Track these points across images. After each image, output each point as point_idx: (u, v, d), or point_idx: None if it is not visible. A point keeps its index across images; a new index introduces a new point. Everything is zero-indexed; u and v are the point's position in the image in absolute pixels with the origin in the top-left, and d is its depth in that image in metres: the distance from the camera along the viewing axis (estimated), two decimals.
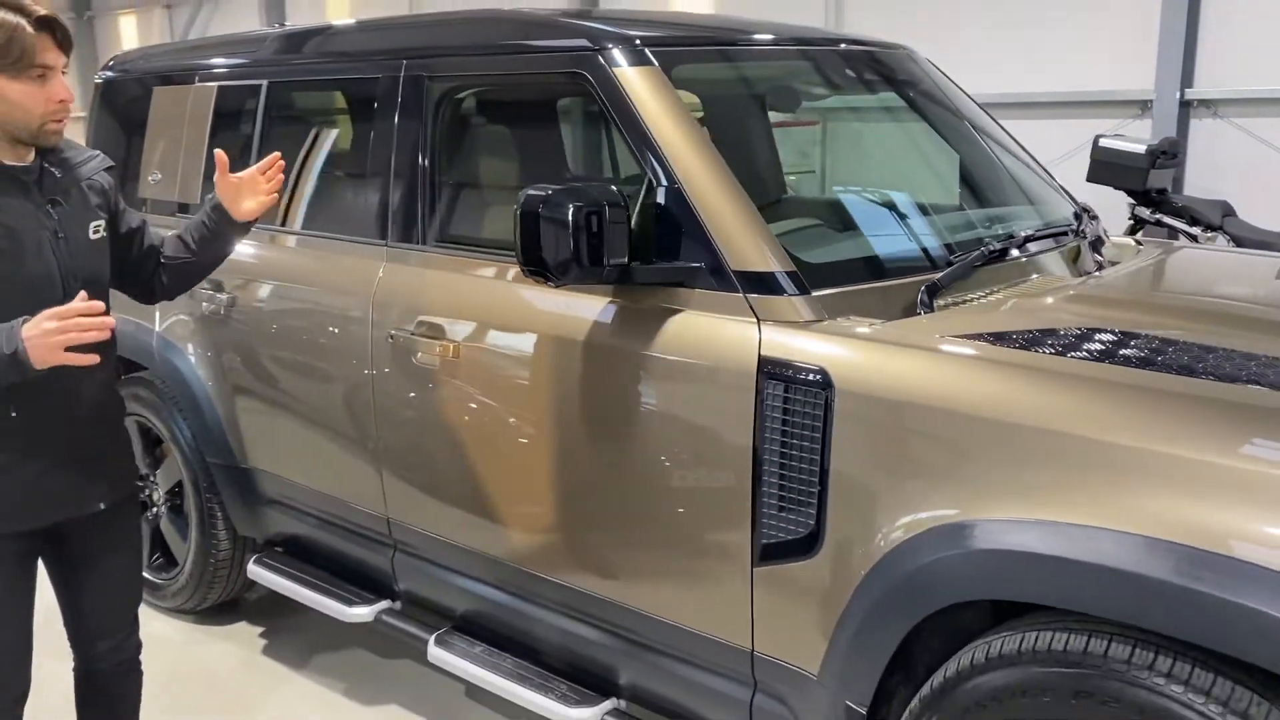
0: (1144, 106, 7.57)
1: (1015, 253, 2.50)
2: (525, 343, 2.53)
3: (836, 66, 3.08)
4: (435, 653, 2.84)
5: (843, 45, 3.21)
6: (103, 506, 2.33)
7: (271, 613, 3.80)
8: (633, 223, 2.25)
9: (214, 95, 3.49)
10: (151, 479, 3.77)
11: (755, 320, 2.18)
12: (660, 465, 2.29)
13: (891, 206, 2.86)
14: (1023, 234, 2.57)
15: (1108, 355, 1.96)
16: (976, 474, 1.88)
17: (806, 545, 2.10)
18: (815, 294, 2.20)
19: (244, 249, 3.32)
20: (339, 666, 3.45)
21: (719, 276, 2.25)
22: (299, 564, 3.34)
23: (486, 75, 2.81)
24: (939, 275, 2.30)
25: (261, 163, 2.40)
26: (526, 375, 2.53)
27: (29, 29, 2.04)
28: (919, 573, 1.91)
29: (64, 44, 2.14)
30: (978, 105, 3.46)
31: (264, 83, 3.33)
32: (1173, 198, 6.47)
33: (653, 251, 2.31)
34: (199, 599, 3.72)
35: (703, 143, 2.36)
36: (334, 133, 3.29)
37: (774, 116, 3.74)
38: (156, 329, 3.56)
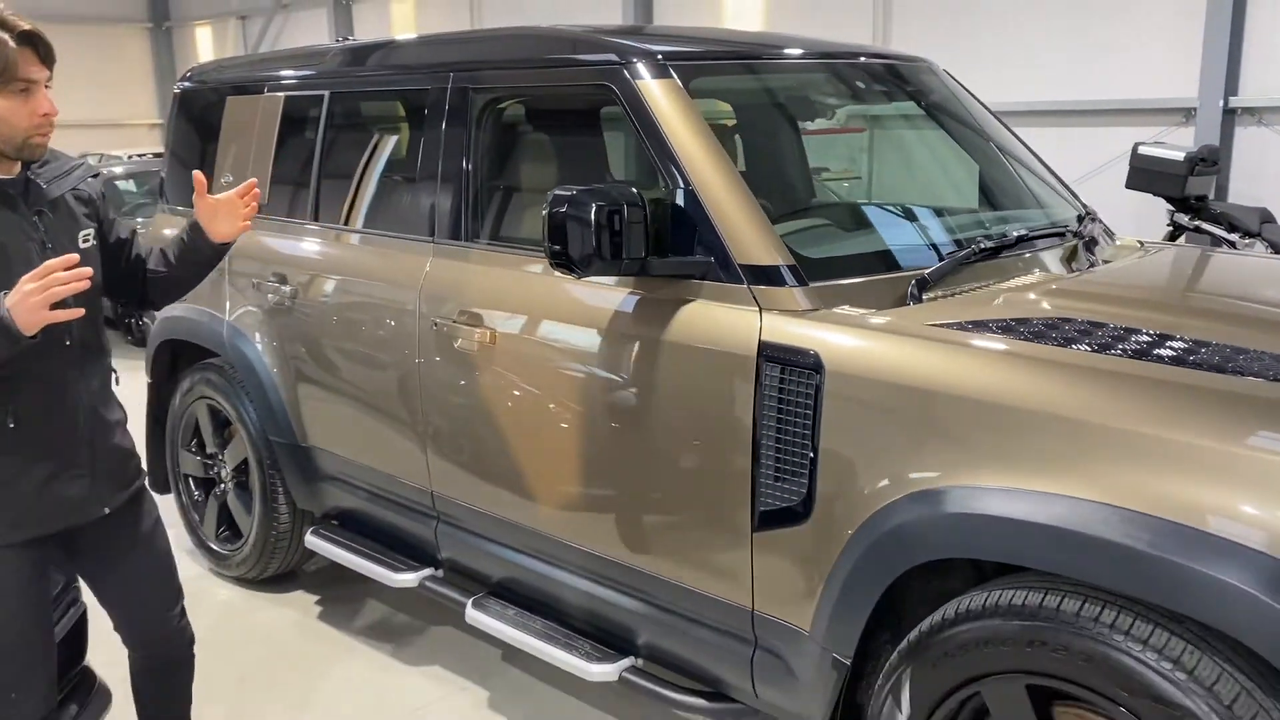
0: (1188, 114, 7.62)
1: (1005, 250, 2.70)
2: (553, 329, 2.78)
3: (852, 78, 3.29)
4: (473, 615, 3.10)
5: (862, 59, 3.43)
6: (107, 511, 2.34)
7: (326, 582, 4.11)
8: (650, 220, 2.49)
9: (281, 104, 3.80)
10: (220, 458, 4.10)
11: (758, 309, 2.41)
12: (672, 441, 2.53)
13: (897, 209, 3.07)
14: (1015, 234, 2.76)
15: (1071, 341, 2.16)
16: (948, 446, 2.09)
17: (799, 513, 2.32)
18: (813, 286, 2.42)
19: (307, 245, 3.64)
20: (387, 630, 3.74)
21: (726, 270, 2.48)
22: (352, 535, 3.63)
23: (524, 86, 3.09)
24: (928, 270, 2.50)
25: (240, 187, 2.40)
26: (554, 359, 2.78)
27: (11, 44, 2.03)
28: (893, 534, 2.13)
29: (47, 59, 2.11)
30: (992, 114, 3.63)
31: (326, 93, 3.63)
32: (1211, 204, 6.54)
33: (668, 246, 2.54)
34: (261, 568, 4.03)
35: (714, 148, 2.59)
36: (388, 139, 3.58)
37: (820, 124, 3.97)
38: (227, 319, 3.88)
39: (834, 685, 2.30)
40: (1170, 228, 6.66)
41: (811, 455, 2.27)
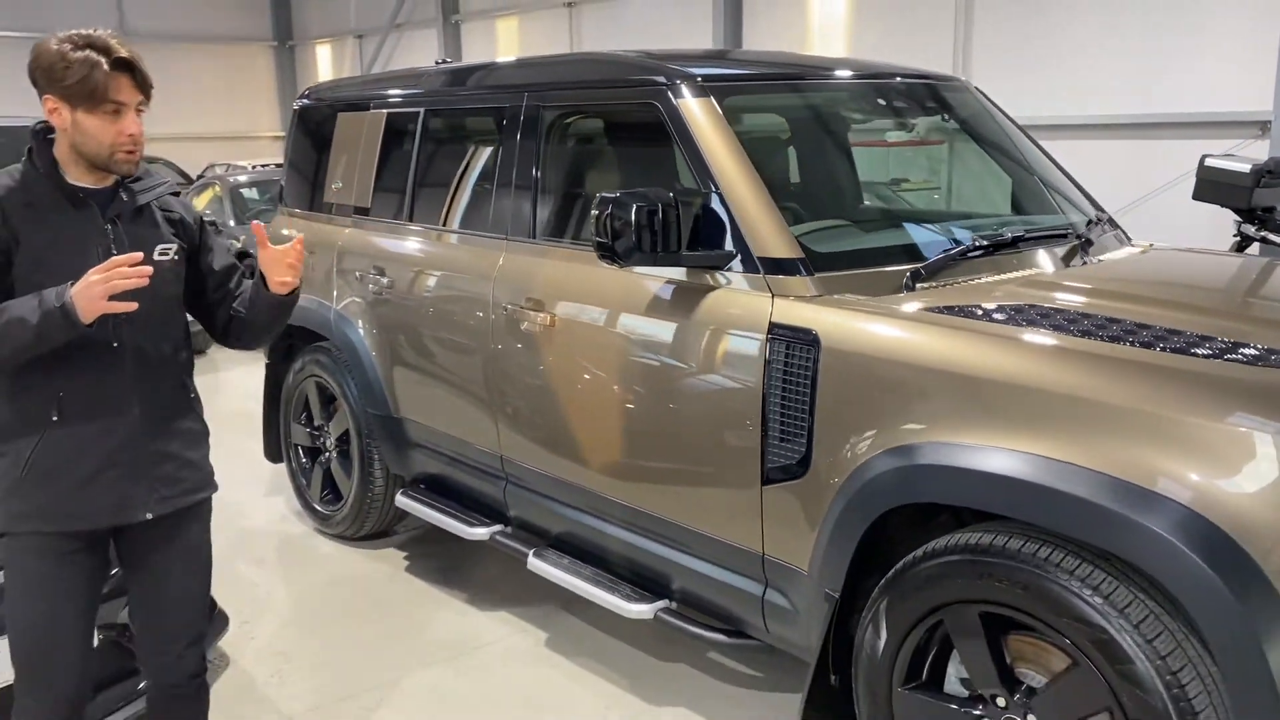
0: (1264, 127, 7.69)
1: (1002, 249, 3.05)
2: (602, 312, 3.23)
3: (880, 97, 3.67)
4: (533, 563, 3.56)
5: (897, 79, 3.82)
6: (149, 517, 2.31)
7: (413, 541, 4.64)
8: (682, 218, 2.91)
9: (384, 120, 4.34)
10: (325, 429, 4.66)
11: (770, 295, 2.81)
12: (698, 407, 2.95)
13: (916, 213, 3.43)
14: (1009, 235, 3.10)
15: (1032, 323, 2.51)
16: (919, 410, 2.46)
17: (799, 468, 2.71)
18: (819, 275, 2.82)
19: (403, 243, 4.16)
20: (463, 582, 4.23)
21: (747, 261, 2.89)
22: (435, 496, 4.14)
23: (585, 104, 3.56)
24: (922, 265, 2.87)
25: (292, 244, 2.39)
26: (601, 338, 3.22)
27: (105, 67, 2.13)
28: (871, 484, 2.51)
29: (141, 84, 2.20)
30: (1019, 128, 3.95)
31: (421, 110, 4.16)
32: (1277, 216, 6.64)
33: (699, 241, 2.96)
34: (358, 527, 4.58)
35: (741, 158, 3.01)
36: (472, 150, 4.07)
37: (899, 135, 4.35)
38: (334, 307, 4.44)
39: (825, 617, 2.68)
40: (1237, 238, 6.77)
41: (809, 419, 2.67)
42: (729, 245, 2.94)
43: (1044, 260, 3.13)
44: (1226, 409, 2.13)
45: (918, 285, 2.84)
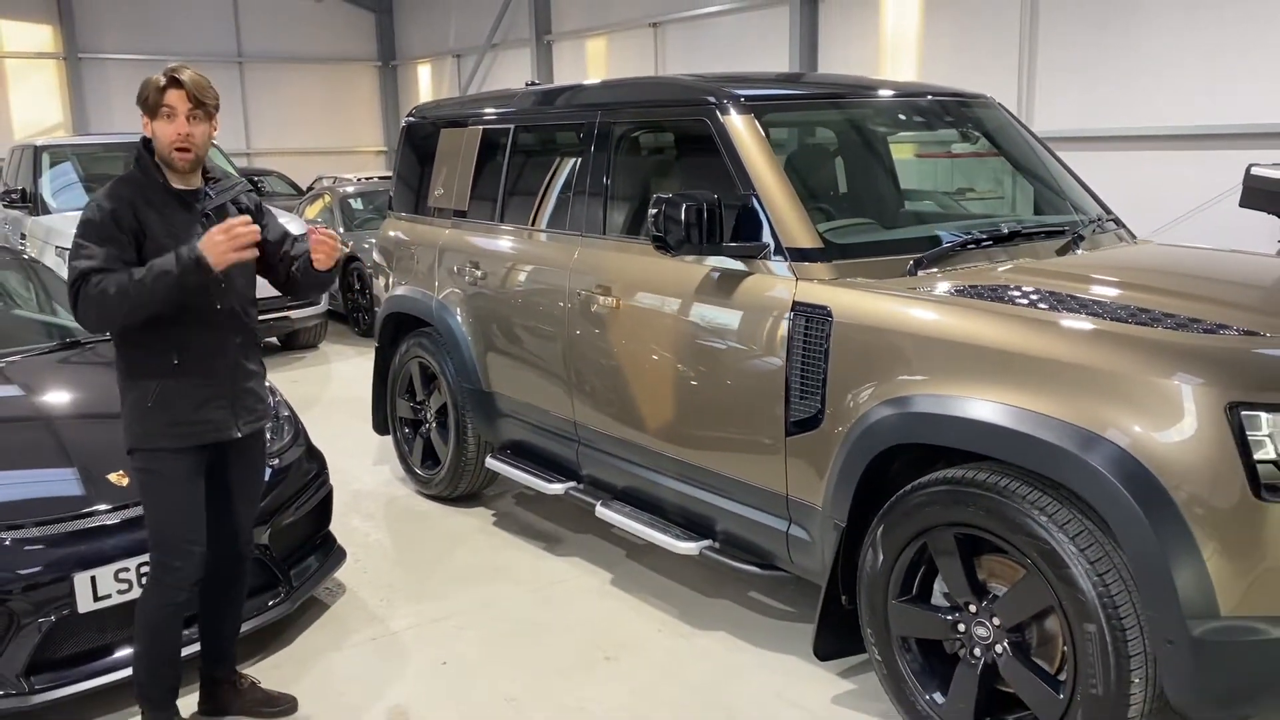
0: None
1: (1001, 241, 3.57)
2: (658, 295, 3.83)
3: (903, 112, 4.22)
4: (601, 512, 4.17)
5: (928, 96, 4.36)
6: (239, 435, 3.03)
7: (499, 503, 5.29)
8: (724, 216, 3.50)
9: (480, 135, 5.03)
10: (426, 404, 5.35)
11: (795, 279, 3.38)
12: (735, 373, 3.53)
13: (937, 213, 3.96)
14: (1005, 229, 3.62)
15: (1010, 299, 3.03)
16: (911, 369, 3.00)
17: (815, 420, 3.27)
18: (835, 262, 3.38)
19: (495, 241, 4.82)
20: (540, 534, 4.87)
21: (777, 251, 3.46)
22: (518, 459, 4.78)
23: (647, 121, 4.18)
24: (925, 254, 3.42)
25: (326, 237, 2.98)
26: (658, 317, 3.82)
27: (161, 84, 2.82)
28: (870, 429, 3.07)
29: (192, 95, 2.81)
30: (1038, 139, 4.45)
31: (511, 126, 4.83)
32: None
33: (740, 234, 3.54)
34: (453, 488, 5.25)
35: (775, 165, 3.59)
36: (554, 160, 4.71)
37: (963, 147, 4.86)
38: (436, 296, 5.13)
39: (834, 544, 3.23)
40: None
41: (823, 378, 3.23)
42: (765, 238, 3.52)
43: (1037, 251, 3.64)
44: (1165, 369, 2.59)
45: (919, 271, 3.39)
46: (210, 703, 3.35)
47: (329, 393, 8.03)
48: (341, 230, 10.81)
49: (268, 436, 3.95)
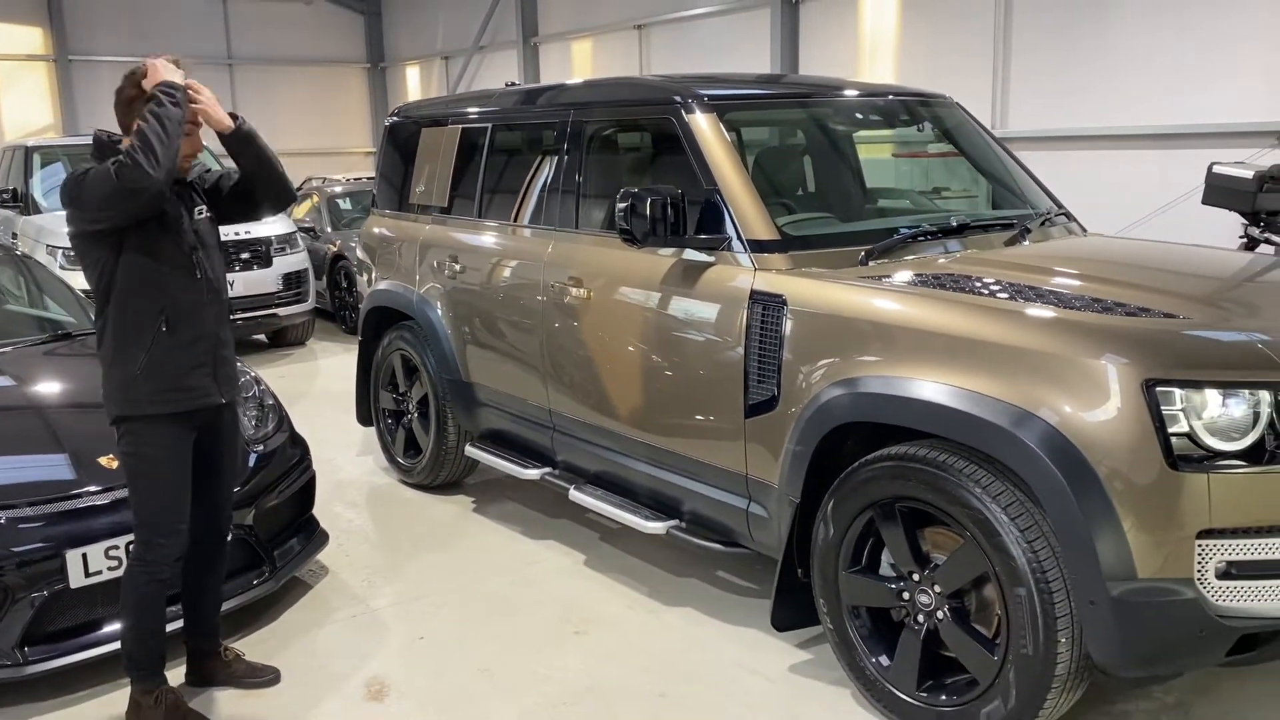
0: (1279, 137, 8.15)
1: (949, 234, 3.75)
2: (626, 286, 4.01)
3: (859, 110, 4.41)
4: (575, 495, 4.34)
5: (889, 96, 4.55)
6: (223, 401, 3.22)
7: (479, 490, 5.46)
8: (687, 209, 3.67)
9: (459, 134, 5.20)
10: (408, 395, 5.51)
11: (753, 269, 3.56)
12: (698, 359, 3.71)
13: (894, 208, 4.15)
14: (954, 222, 3.81)
15: (948, 286, 3.22)
16: (859, 352, 3.19)
17: (771, 403, 3.45)
18: (792, 253, 3.56)
19: (474, 236, 4.99)
20: (517, 519, 5.04)
21: (738, 243, 3.64)
22: (497, 446, 4.96)
23: (617, 120, 4.35)
24: (874, 246, 3.60)
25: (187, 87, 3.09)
26: (628, 306, 4.00)
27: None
28: (821, 410, 3.25)
29: None
30: (994, 138, 4.64)
31: (489, 125, 5.01)
32: (1279, 219, 7.13)
33: (702, 227, 3.72)
34: (434, 476, 5.42)
35: (735, 161, 3.77)
36: (529, 158, 4.88)
37: (938, 147, 5.05)
38: (417, 290, 5.30)
39: (789, 519, 3.41)
40: (1244, 240, 7.28)
41: (778, 362, 3.41)
42: (726, 231, 3.69)
43: (985, 243, 3.83)
44: (1093, 350, 2.77)
45: (870, 261, 3.57)
46: (197, 674, 3.52)
47: (315, 388, 8.19)
48: (329, 229, 10.97)
49: (253, 424, 4.14)
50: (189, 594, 3.44)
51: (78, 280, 6.91)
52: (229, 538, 3.52)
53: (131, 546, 3.30)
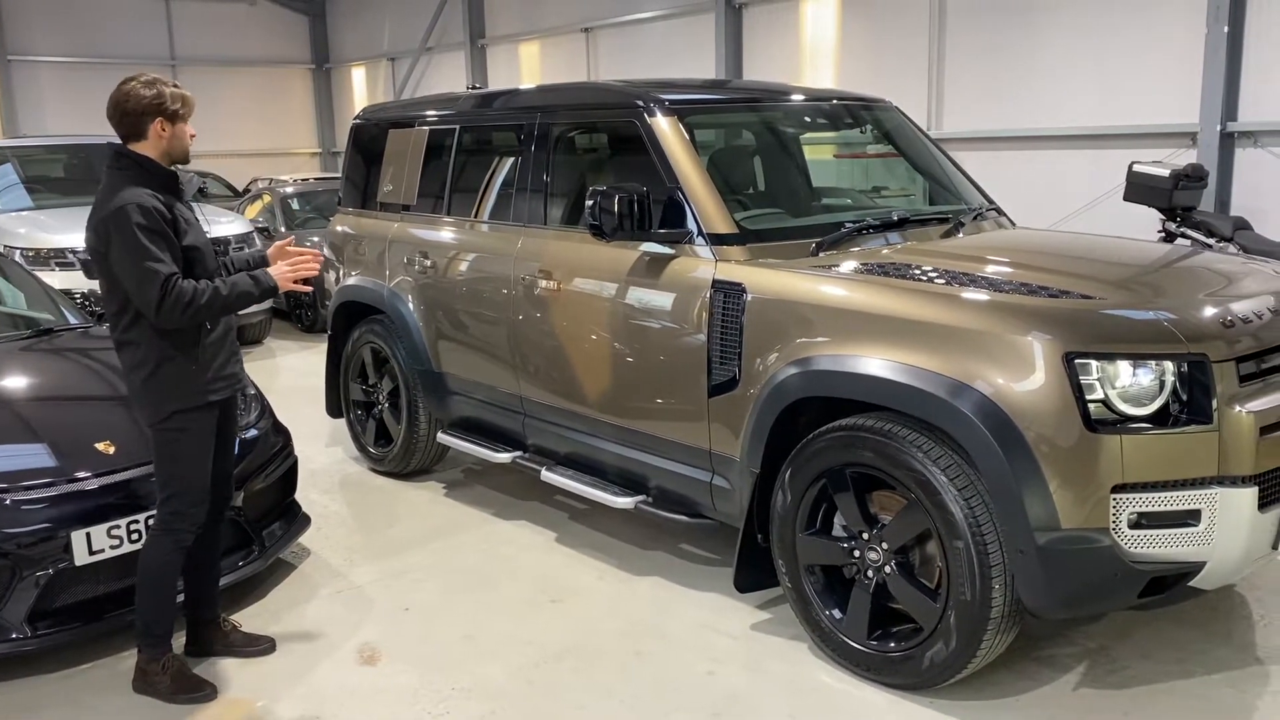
0: (1194, 137, 8.69)
1: (892, 228, 4.10)
2: (594, 278, 4.29)
3: (810, 114, 4.74)
4: (547, 475, 4.62)
5: (834, 100, 4.89)
6: (239, 388, 3.61)
7: (450, 478, 5.71)
8: (652, 206, 3.96)
9: (426, 135, 5.44)
10: (378, 386, 5.73)
11: (714, 261, 3.87)
12: (664, 344, 4.00)
13: (837, 204, 4.49)
14: (895, 216, 4.16)
15: (890, 273, 3.55)
16: (813, 334, 3.51)
17: (732, 383, 3.76)
18: (749, 245, 3.87)
19: (443, 232, 5.24)
20: (490, 503, 5.29)
21: (699, 236, 3.94)
22: (468, 433, 5.21)
23: (582, 122, 4.64)
24: (824, 238, 3.93)
25: (291, 247, 3.64)
26: (595, 297, 4.28)
27: (188, 95, 3.41)
28: (778, 387, 3.56)
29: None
30: (929, 139, 5.01)
31: (457, 127, 5.26)
32: (1193, 214, 7.65)
33: (666, 222, 4.01)
34: (405, 464, 5.65)
35: (696, 161, 4.07)
36: (497, 158, 5.14)
37: (879, 147, 5.37)
38: (387, 285, 5.52)
39: (749, 489, 3.72)
40: (1161, 234, 7.78)
41: (738, 346, 3.72)
42: (689, 225, 3.99)
43: (924, 236, 4.18)
44: (1022, 328, 3.11)
45: (820, 252, 3.90)
46: (196, 644, 3.73)
47: (279, 383, 8.34)
48: (283, 229, 11.08)
49: (239, 411, 4.35)
50: (192, 565, 3.65)
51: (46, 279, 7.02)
52: (230, 509, 3.79)
53: (153, 519, 3.54)
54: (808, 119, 4.86)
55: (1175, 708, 3.30)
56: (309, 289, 3.59)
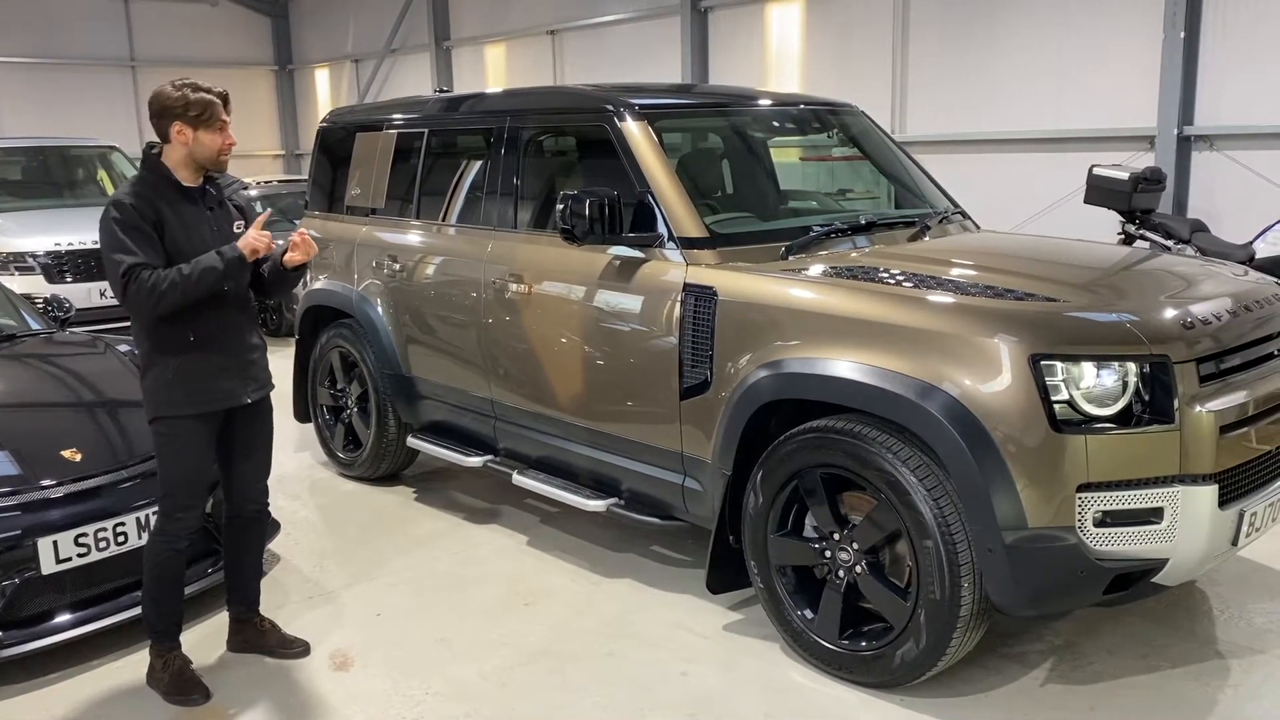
0: (1151, 141, 8.84)
1: (860, 230, 4.14)
2: (565, 281, 4.30)
3: (777, 119, 4.78)
4: (518, 479, 4.62)
5: (801, 105, 4.94)
6: (249, 401, 3.46)
7: (420, 481, 5.69)
8: (623, 210, 3.99)
9: (395, 138, 5.42)
10: (347, 391, 5.71)
11: (685, 264, 3.89)
12: (637, 348, 4.02)
13: (809, 208, 4.53)
14: (863, 220, 4.21)
15: (858, 276, 3.60)
16: (783, 337, 3.54)
17: (704, 386, 3.79)
18: (719, 249, 3.90)
19: (411, 236, 5.23)
20: (459, 507, 5.29)
21: (670, 240, 3.97)
22: (438, 437, 5.20)
23: (552, 126, 4.65)
24: (794, 242, 3.96)
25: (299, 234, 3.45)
26: (566, 300, 4.30)
27: (215, 99, 3.29)
28: (749, 390, 3.59)
29: (229, 108, 3.36)
30: (895, 143, 5.07)
31: (425, 130, 5.25)
32: (1152, 217, 7.79)
33: (637, 226, 4.03)
34: (375, 469, 5.63)
35: (666, 165, 4.09)
36: (466, 162, 5.14)
37: (844, 150, 5.42)
38: (355, 289, 5.50)
39: (721, 490, 3.75)
40: (1121, 235, 7.91)
41: (710, 349, 3.75)
42: (659, 229, 4.02)
43: (891, 239, 4.23)
44: (988, 330, 3.16)
45: (790, 256, 3.93)
46: (237, 639, 3.82)
47: None
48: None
49: None
50: (230, 562, 3.75)
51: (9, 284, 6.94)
52: (266, 506, 3.76)
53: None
54: (775, 123, 4.90)
55: (1140, 701, 3.37)
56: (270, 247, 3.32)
